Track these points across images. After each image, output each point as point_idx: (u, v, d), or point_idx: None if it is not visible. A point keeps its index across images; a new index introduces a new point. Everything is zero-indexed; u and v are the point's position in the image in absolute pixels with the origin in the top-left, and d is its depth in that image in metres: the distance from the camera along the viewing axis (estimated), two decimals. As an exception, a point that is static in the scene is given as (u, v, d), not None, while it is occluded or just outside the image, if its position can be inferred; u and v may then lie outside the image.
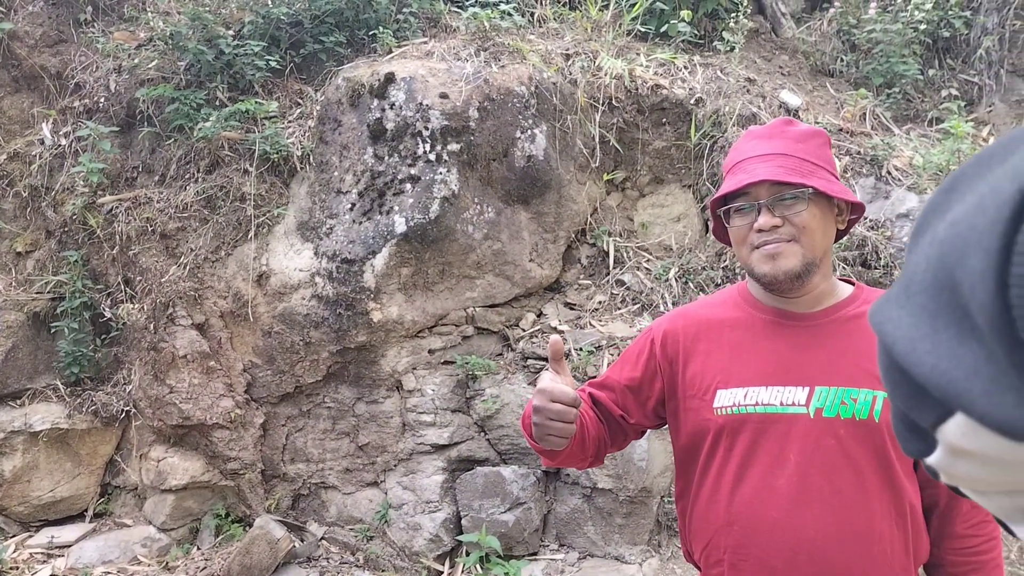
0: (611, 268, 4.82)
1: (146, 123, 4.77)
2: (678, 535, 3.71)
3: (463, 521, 4.20)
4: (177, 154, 4.68)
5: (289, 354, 4.41)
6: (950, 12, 5.86)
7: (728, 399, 1.48)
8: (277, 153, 4.49)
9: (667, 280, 4.72)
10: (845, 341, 1.48)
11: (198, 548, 4.46)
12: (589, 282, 4.83)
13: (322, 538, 4.42)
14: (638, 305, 4.66)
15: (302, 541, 4.29)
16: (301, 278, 4.36)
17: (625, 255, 4.87)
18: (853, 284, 1.58)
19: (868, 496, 1.41)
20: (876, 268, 4.50)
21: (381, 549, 4.29)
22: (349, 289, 4.25)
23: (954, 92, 5.61)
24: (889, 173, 4.81)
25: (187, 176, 4.64)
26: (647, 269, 4.83)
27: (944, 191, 0.38)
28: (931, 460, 0.38)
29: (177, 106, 4.61)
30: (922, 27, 5.79)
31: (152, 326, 4.43)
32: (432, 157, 4.19)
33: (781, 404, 1.45)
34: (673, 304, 4.55)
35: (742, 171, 1.48)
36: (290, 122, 4.67)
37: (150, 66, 4.82)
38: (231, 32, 4.77)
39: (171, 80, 4.76)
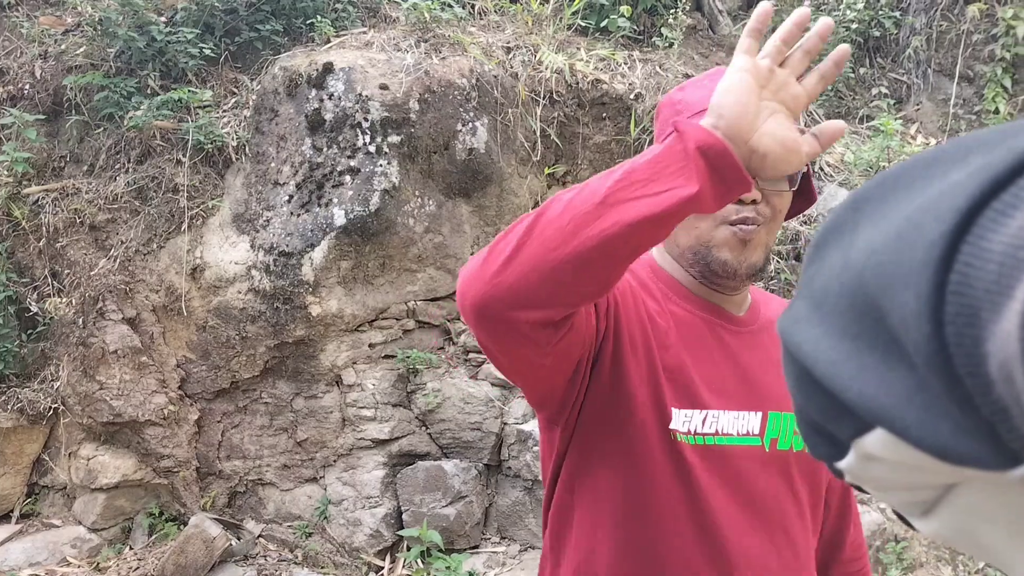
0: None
1: (74, 111, 4.63)
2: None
3: (404, 516, 4.18)
4: (107, 144, 4.55)
5: (225, 349, 4.34)
6: (880, 12, 6.02)
7: (683, 423, 1.15)
8: (211, 143, 4.40)
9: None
10: (776, 353, 1.23)
11: (130, 548, 4.37)
12: (530, 275, 4.84)
13: (259, 536, 4.36)
14: (578, 298, 4.69)
15: (239, 539, 4.23)
16: (237, 271, 4.28)
17: (566, 248, 4.89)
18: None
19: (808, 540, 1.25)
20: (809, 262, 4.61)
21: (320, 546, 4.25)
22: (287, 283, 4.19)
23: (884, 90, 5.77)
24: (822, 169, 4.93)
25: (117, 166, 4.52)
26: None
27: (848, 209, 0.38)
28: (840, 464, 0.38)
29: (107, 94, 4.48)
30: (854, 26, 5.93)
31: (81, 321, 4.31)
32: (372, 149, 4.16)
33: (738, 434, 1.18)
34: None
35: None
36: (225, 112, 4.58)
37: (78, 52, 4.67)
38: (163, 19, 4.65)
39: (100, 67, 4.61)
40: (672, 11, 5.41)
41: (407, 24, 4.77)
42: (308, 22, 4.76)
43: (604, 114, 4.93)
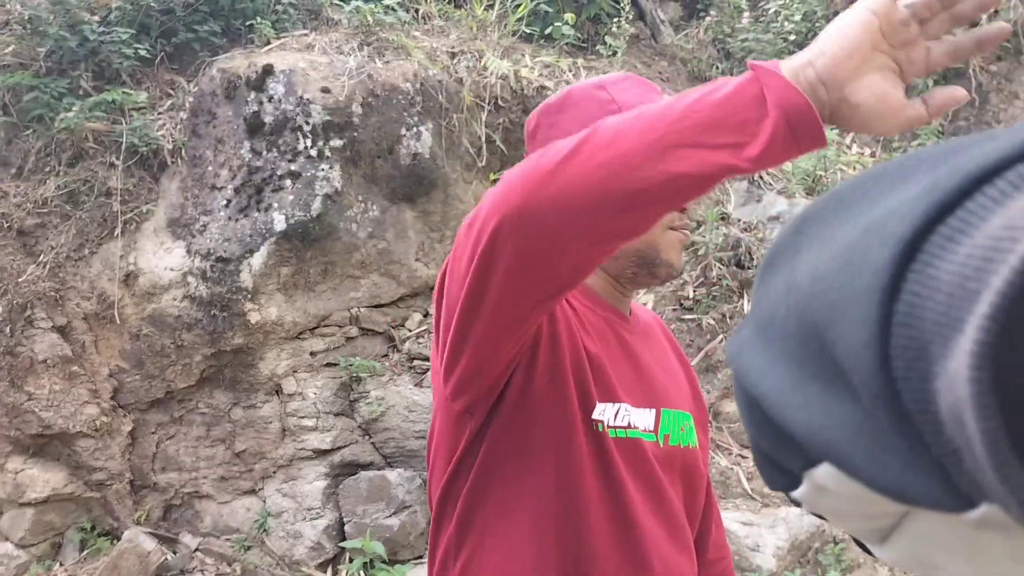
0: (496, 268, 4.83)
1: (1, 112, 4.49)
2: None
3: (346, 527, 4.13)
4: (36, 146, 4.43)
5: (159, 358, 4.24)
6: (817, 24, 6.16)
7: (603, 414, 1.15)
8: (146, 146, 4.30)
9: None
10: (658, 352, 1.32)
11: (61, 564, 4.23)
12: (474, 282, 4.83)
13: (196, 549, 4.27)
14: (523, 305, 4.69)
15: (175, 553, 4.13)
16: (172, 278, 4.19)
17: (510, 255, 4.90)
18: None
19: (692, 538, 1.28)
20: (750, 268, 4.69)
21: (260, 559, 4.18)
22: (224, 289, 4.11)
23: (821, 101, 5.89)
24: (761, 178, 5.02)
25: (47, 169, 4.40)
26: (532, 269, 4.87)
27: (793, 232, 0.37)
28: (796, 494, 0.37)
29: (36, 95, 4.35)
30: (792, 38, 6.06)
31: (8, 329, 4.17)
32: (313, 153, 4.11)
33: (643, 429, 1.19)
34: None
35: None
36: (160, 114, 4.49)
37: (6, 51, 4.54)
38: (96, 18, 4.54)
39: (30, 67, 4.49)
40: (615, 20, 5.46)
41: (349, 27, 4.73)
42: (247, 23, 4.69)
43: (548, 121, 4.95)
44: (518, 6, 5.18)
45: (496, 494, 1.16)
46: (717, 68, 6.13)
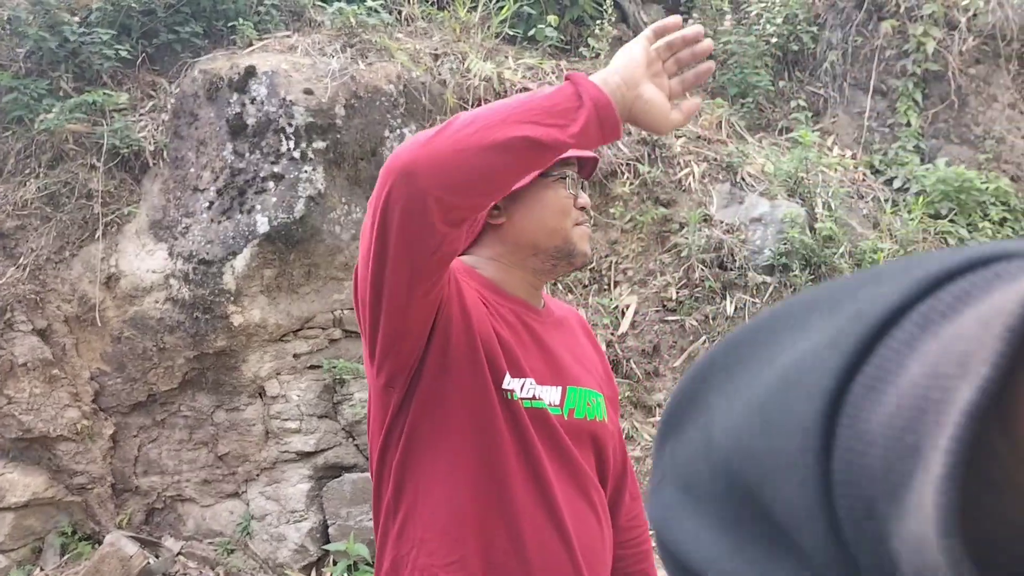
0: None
1: (-20, 113, 4.46)
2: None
3: (330, 530, 4.11)
4: (16, 147, 4.39)
5: (141, 361, 4.21)
6: (799, 27, 6.21)
7: (514, 386, 1.32)
8: (127, 148, 4.28)
9: (535, 281, 4.77)
10: (570, 340, 1.50)
11: (41, 569, 4.19)
12: (458, 284, 4.82)
13: (179, 553, 4.24)
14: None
15: (157, 557, 4.11)
16: (154, 280, 4.17)
17: (494, 257, 4.90)
18: None
19: (603, 499, 1.43)
20: (732, 270, 4.71)
21: (243, 562, 4.16)
22: (207, 292, 4.09)
23: (802, 103, 5.94)
24: (743, 179, 5.05)
25: (27, 171, 4.37)
26: (516, 271, 4.87)
27: (697, 380, 0.36)
28: None
29: (16, 96, 4.32)
30: (773, 40, 6.10)
31: (-13, 332, 4.13)
32: (296, 155, 4.10)
33: (549, 403, 1.35)
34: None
35: None
36: (142, 115, 4.46)
37: (-16, 52, 4.51)
38: (77, 18, 4.51)
39: (9, 68, 4.45)
40: (598, 22, 5.48)
41: (332, 29, 4.72)
42: (229, 25, 4.67)
43: (532, 123, 4.95)
44: (501, 8, 5.18)
45: (423, 460, 1.32)
46: (699, 70, 6.15)
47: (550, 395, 1.36)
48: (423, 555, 1.29)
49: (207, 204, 4.17)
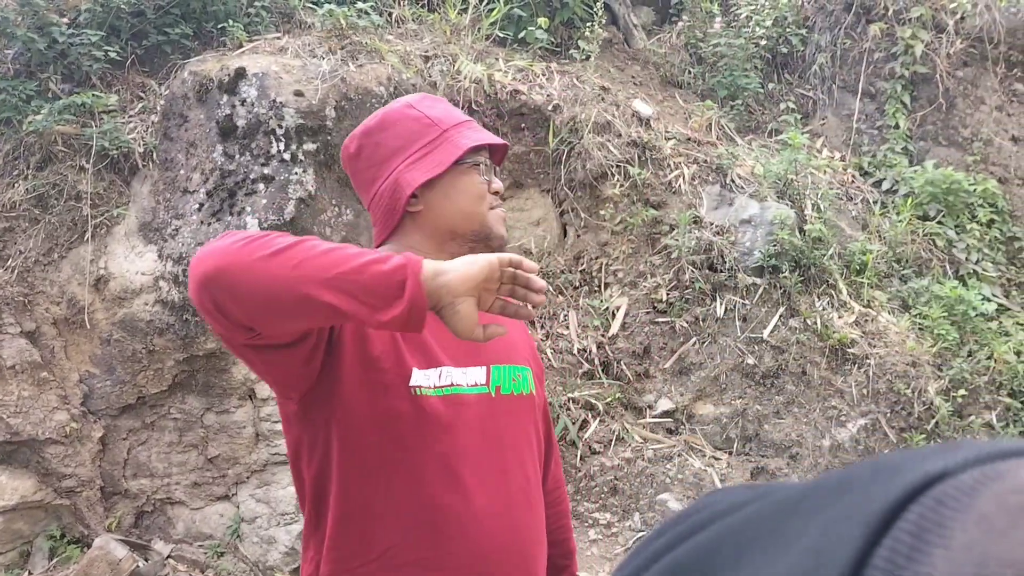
0: (471, 271, 4.84)
1: (-33, 114, 4.43)
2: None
3: (320, 531, 4.10)
4: (4, 149, 4.38)
5: (130, 363, 4.19)
6: (788, 30, 6.24)
7: (425, 380, 1.35)
8: (117, 149, 4.26)
9: (526, 283, 4.78)
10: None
11: (29, 573, 4.17)
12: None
13: (168, 556, 4.22)
14: (498, 308, 4.70)
15: (146, 560, 4.09)
16: (144, 282, 4.15)
17: (485, 258, 4.90)
18: None
19: (538, 471, 1.51)
20: (722, 271, 4.73)
21: (233, 565, 4.14)
22: (197, 293, 4.07)
23: (791, 105, 5.96)
24: (733, 181, 5.06)
25: (16, 173, 4.35)
26: (506, 272, 4.88)
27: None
28: None
29: (4, 97, 4.30)
30: (763, 43, 6.13)
31: (-25, 335, 4.11)
32: (287, 156, 4.09)
33: (467, 385, 1.40)
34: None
35: (476, 130, 1.48)
36: (131, 117, 4.45)
37: (-28, 53, 4.48)
38: (65, 20, 4.49)
39: (-3, 69, 4.43)
40: (588, 24, 5.49)
41: (322, 30, 4.71)
42: (219, 26, 4.66)
43: (523, 124, 4.96)
44: (492, 10, 5.18)
45: (335, 471, 1.36)
46: (689, 72, 6.17)
47: (473, 376, 1.41)
48: (335, 561, 1.36)
49: (197, 206, 4.16)
